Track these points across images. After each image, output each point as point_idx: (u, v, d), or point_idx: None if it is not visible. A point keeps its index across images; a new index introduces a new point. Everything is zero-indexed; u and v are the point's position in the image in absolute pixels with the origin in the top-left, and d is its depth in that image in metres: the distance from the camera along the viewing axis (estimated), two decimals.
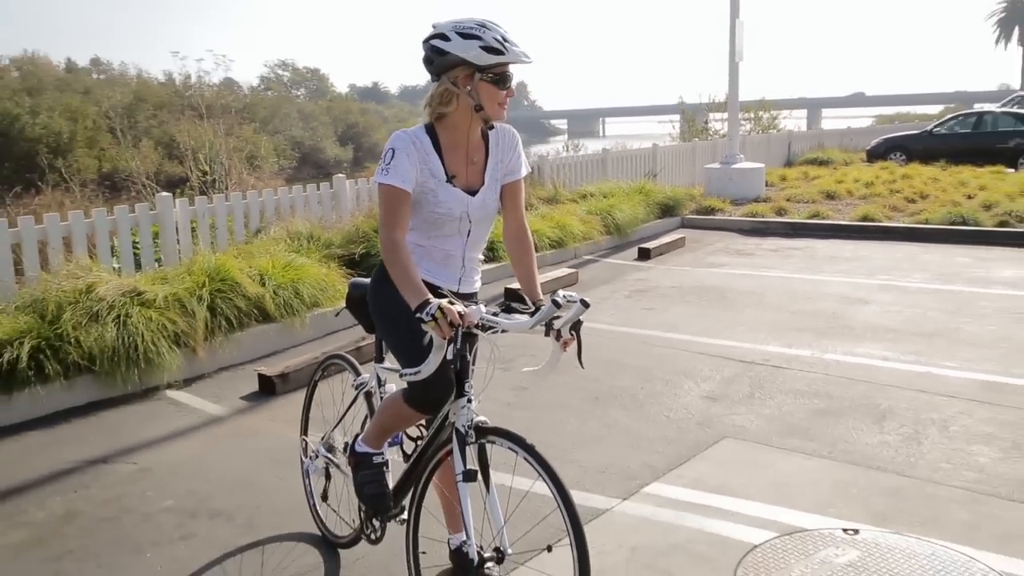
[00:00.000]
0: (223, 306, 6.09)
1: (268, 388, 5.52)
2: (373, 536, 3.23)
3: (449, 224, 2.85)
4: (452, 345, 2.50)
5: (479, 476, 2.66)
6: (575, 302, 2.57)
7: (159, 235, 7.26)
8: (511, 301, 2.75)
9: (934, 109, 55.56)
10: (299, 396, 4.02)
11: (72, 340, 5.22)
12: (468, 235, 2.91)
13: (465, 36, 2.66)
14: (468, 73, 2.69)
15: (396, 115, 65.32)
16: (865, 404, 5.07)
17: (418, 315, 2.46)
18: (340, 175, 9.80)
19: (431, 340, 2.51)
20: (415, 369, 2.63)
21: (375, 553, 3.38)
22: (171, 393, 5.54)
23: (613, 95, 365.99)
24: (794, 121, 37.52)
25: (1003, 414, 4.82)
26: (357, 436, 3.21)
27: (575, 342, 2.61)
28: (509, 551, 2.69)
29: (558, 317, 2.58)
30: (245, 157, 14.52)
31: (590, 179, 13.70)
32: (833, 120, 67.84)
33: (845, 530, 3.59)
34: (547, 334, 2.60)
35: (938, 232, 11.04)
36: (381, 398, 3.27)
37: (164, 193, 7.60)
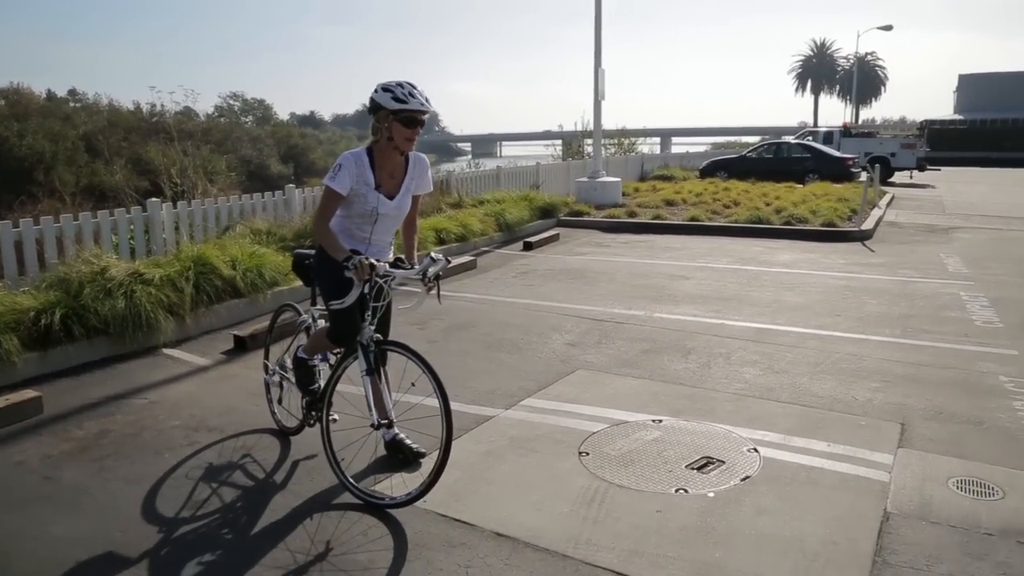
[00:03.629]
0: (204, 285, 6.26)
1: (241, 346, 5.76)
2: (311, 423, 3.84)
3: (369, 215, 3.40)
4: (367, 284, 3.17)
5: (375, 373, 3.36)
6: (440, 259, 3.27)
7: (149, 231, 7.33)
8: (399, 262, 3.41)
9: (755, 139, 58.25)
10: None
11: (92, 310, 5.36)
12: (376, 223, 3.43)
13: (385, 90, 3.26)
14: (386, 115, 3.27)
15: (329, 139, 63.36)
16: (677, 345, 5.72)
17: (345, 264, 3.11)
18: (291, 185, 9.74)
19: (351, 283, 3.16)
20: (341, 300, 3.27)
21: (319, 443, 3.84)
22: (167, 350, 5.71)
23: (509, 122, 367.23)
24: (649, 146, 39.02)
25: (765, 348, 5.62)
26: (300, 348, 3.82)
27: (436, 287, 3.28)
28: (395, 418, 3.44)
29: (428, 270, 3.24)
30: (204, 173, 14.36)
31: (487, 189, 13.82)
32: (681, 146, 70.56)
33: (653, 420, 4.24)
34: (420, 280, 3.26)
35: (743, 229, 11.86)
36: (314, 329, 3.89)
37: (154, 199, 7.65)
